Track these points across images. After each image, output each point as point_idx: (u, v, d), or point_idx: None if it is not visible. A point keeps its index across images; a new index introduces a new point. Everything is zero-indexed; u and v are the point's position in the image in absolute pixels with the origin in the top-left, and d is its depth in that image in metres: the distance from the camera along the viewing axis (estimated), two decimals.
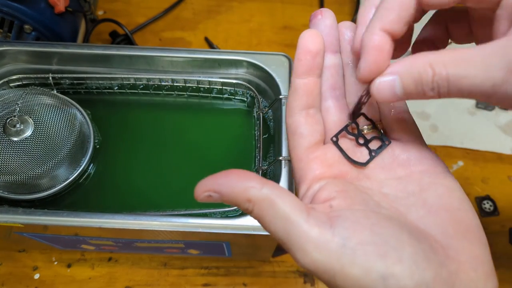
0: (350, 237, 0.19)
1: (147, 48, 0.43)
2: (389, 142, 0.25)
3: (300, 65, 0.24)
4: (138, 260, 0.50)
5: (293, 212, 0.20)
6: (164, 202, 0.40)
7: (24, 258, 0.50)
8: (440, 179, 0.23)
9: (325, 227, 0.20)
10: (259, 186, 0.20)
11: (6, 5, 0.47)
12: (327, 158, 0.25)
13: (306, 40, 0.24)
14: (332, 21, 0.25)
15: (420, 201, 0.22)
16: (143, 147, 0.42)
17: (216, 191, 0.20)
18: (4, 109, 0.37)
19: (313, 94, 0.25)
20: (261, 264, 0.50)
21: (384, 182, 0.24)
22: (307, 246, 0.19)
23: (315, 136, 0.25)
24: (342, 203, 0.22)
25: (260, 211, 0.20)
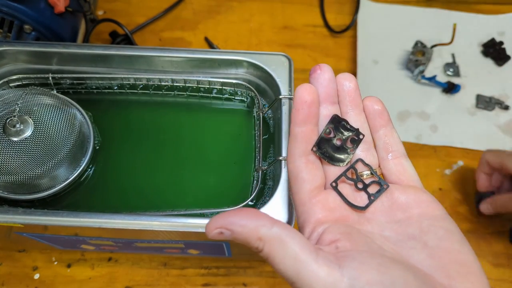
0: (358, 277, 0.20)
1: (147, 48, 0.43)
2: (387, 186, 0.26)
3: (298, 115, 0.26)
4: (138, 260, 0.50)
5: (302, 251, 0.21)
6: (164, 202, 0.40)
7: (24, 258, 0.49)
8: (439, 221, 0.24)
9: (334, 267, 0.20)
10: (269, 225, 0.21)
11: (6, 5, 0.47)
12: (328, 203, 0.26)
13: (302, 92, 0.26)
14: (330, 75, 0.27)
15: (421, 244, 0.23)
16: (142, 147, 0.42)
17: (228, 229, 0.21)
18: (4, 109, 0.37)
19: (311, 141, 0.26)
20: (261, 264, 0.50)
21: (384, 226, 0.25)
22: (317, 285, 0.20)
23: (316, 181, 0.26)
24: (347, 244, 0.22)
25: (270, 250, 0.21)
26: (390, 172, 0.26)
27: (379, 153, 0.27)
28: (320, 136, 0.27)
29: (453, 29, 0.59)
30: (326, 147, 0.27)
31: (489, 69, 0.63)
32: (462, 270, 0.22)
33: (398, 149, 0.27)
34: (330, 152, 0.27)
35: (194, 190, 0.41)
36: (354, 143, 0.27)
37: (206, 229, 0.22)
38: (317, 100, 0.26)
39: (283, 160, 0.37)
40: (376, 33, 0.65)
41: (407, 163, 0.27)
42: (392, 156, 0.27)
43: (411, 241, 0.23)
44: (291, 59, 0.42)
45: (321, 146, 0.26)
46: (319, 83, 0.27)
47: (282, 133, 0.38)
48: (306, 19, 0.67)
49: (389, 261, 0.21)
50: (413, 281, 0.20)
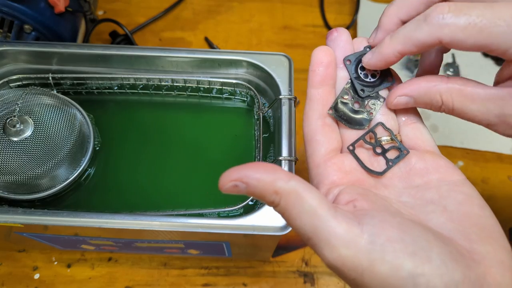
0: (379, 234, 0.19)
1: (147, 48, 0.43)
2: (407, 152, 0.25)
3: (314, 76, 0.25)
4: (138, 260, 0.50)
5: (320, 206, 0.20)
6: (164, 202, 0.40)
7: (24, 258, 0.50)
8: (458, 186, 0.23)
9: (353, 223, 0.20)
10: (286, 178, 0.20)
11: (6, 5, 0.47)
12: (344, 165, 0.25)
13: (318, 53, 0.25)
14: (347, 37, 0.27)
15: (440, 208, 0.23)
16: (142, 147, 0.42)
17: (243, 181, 0.20)
18: (4, 109, 0.37)
19: (328, 103, 0.26)
20: (261, 264, 0.50)
21: (402, 191, 0.24)
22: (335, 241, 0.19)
23: (332, 143, 0.25)
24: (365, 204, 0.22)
25: (286, 204, 0.20)
26: (408, 137, 0.26)
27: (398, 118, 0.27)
28: (337, 98, 0.26)
29: None
30: (343, 110, 0.26)
31: (489, 69, 0.63)
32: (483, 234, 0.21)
33: (415, 114, 0.27)
34: (348, 115, 0.26)
35: (194, 190, 0.41)
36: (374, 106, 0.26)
37: (220, 181, 0.20)
38: (334, 61, 0.26)
39: (283, 160, 0.37)
40: None
41: (424, 129, 0.26)
42: (409, 121, 0.26)
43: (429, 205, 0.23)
44: (291, 59, 0.42)
45: (338, 109, 0.25)
46: (336, 44, 0.26)
47: (282, 133, 0.38)
48: (306, 19, 0.67)
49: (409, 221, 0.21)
50: (434, 240, 0.20)
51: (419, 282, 0.19)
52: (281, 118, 0.39)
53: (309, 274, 0.50)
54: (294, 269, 0.50)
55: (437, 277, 0.19)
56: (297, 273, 0.50)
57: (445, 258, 0.19)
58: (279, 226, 0.34)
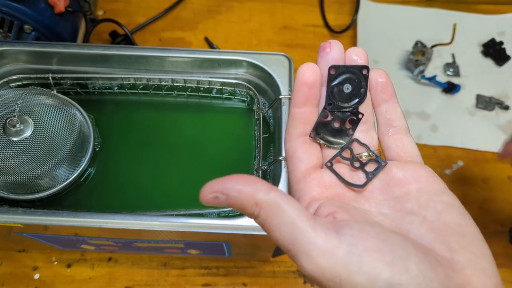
0: (356, 244, 0.19)
1: (147, 48, 0.43)
2: (386, 163, 0.25)
3: (297, 96, 0.25)
4: (138, 260, 0.50)
5: (299, 218, 0.20)
6: (164, 202, 0.40)
7: (24, 258, 0.50)
8: (438, 196, 0.23)
9: (331, 234, 0.20)
10: (266, 190, 0.20)
11: (6, 5, 0.47)
12: (324, 180, 0.25)
13: (304, 73, 0.25)
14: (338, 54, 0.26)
15: (420, 218, 0.22)
16: (143, 147, 0.42)
17: (223, 193, 0.20)
18: (4, 109, 0.37)
19: (309, 122, 0.26)
20: (261, 264, 0.50)
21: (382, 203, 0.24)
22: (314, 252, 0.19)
23: (312, 160, 0.26)
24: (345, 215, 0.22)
25: (266, 215, 0.20)
26: (389, 148, 0.26)
27: (380, 129, 0.26)
28: (317, 120, 0.26)
29: (453, 29, 0.59)
30: (324, 131, 0.26)
31: (489, 69, 0.63)
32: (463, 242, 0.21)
33: (400, 125, 0.26)
34: (328, 137, 0.26)
35: (194, 190, 0.41)
36: (353, 124, 0.26)
37: (200, 193, 0.21)
38: (319, 81, 0.26)
39: (283, 160, 0.37)
40: (376, 33, 0.65)
41: (407, 139, 0.26)
42: (392, 131, 0.26)
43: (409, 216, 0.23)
44: (291, 59, 0.42)
45: (319, 131, 0.26)
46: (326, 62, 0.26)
47: (282, 133, 0.38)
48: (306, 19, 0.67)
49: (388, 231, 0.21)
50: (412, 249, 0.20)
51: None
52: (281, 118, 0.39)
53: None
54: (294, 269, 0.50)
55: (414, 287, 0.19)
56: (297, 273, 0.50)
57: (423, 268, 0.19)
58: None
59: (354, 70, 0.26)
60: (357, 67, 0.26)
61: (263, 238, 0.37)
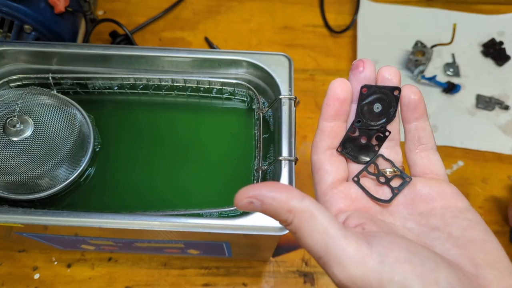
0: (387, 254, 0.20)
1: (147, 48, 0.43)
2: (410, 179, 0.25)
3: (328, 110, 0.26)
4: (138, 260, 0.50)
5: (331, 226, 0.20)
6: (164, 202, 0.40)
7: (24, 258, 0.50)
8: (463, 213, 0.24)
9: (362, 243, 0.20)
10: (300, 197, 0.21)
11: (6, 5, 0.47)
12: (350, 193, 0.26)
13: (335, 88, 0.26)
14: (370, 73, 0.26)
15: (445, 234, 0.23)
16: (143, 147, 0.42)
17: (258, 199, 0.21)
18: (4, 109, 0.37)
19: (337, 136, 0.26)
20: (261, 264, 0.50)
21: (407, 218, 0.25)
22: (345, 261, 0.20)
23: (339, 173, 0.26)
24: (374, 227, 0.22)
25: (299, 222, 0.20)
26: (416, 165, 0.26)
27: (408, 145, 0.27)
28: (345, 135, 0.26)
29: (453, 29, 0.59)
30: (351, 146, 0.27)
31: (489, 69, 0.63)
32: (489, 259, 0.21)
33: (428, 143, 0.26)
34: (355, 152, 0.27)
35: (194, 190, 0.41)
36: (380, 141, 0.27)
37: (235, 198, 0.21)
38: (350, 97, 0.26)
39: (283, 160, 0.37)
40: (376, 33, 0.65)
41: (434, 157, 0.26)
42: (420, 149, 0.26)
43: (434, 232, 0.23)
44: (291, 59, 0.42)
45: (346, 146, 0.26)
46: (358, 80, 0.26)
47: (282, 133, 0.38)
48: (306, 19, 0.67)
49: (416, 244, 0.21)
50: (441, 263, 0.20)
51: None
52: (281, 118, 0.39)
53: (309, 274, 0.50)
54: (294, 269, 0.50)
55: None
56: (297, 273, 0.50)
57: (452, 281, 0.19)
58: (279, 226, 0.34)
59: (386, 91, 0.26)
60: (389, 88, 0.26)
61: (263, 238, 0.37)
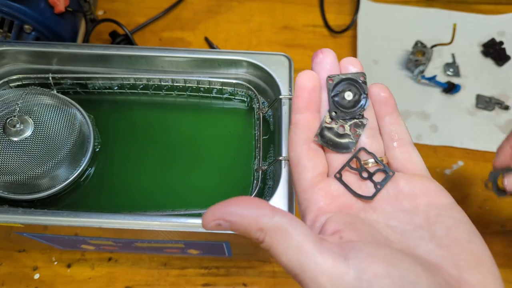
0: (365, 269, 0.19)
1: (147, 48, 0.43)
2: (393, 173, 0.25)
3: (298, 102, 0.25)
4: (138, 260, 0.50)
5: (306, 242, 0.19)
6: (164, 202, 0.40)
7: (24, 258, 0.50)
8: (447, 211, 0.23)
9: (339, 259, 0.19)
10: (270, 214, 0.20)
11: (6, 5, 0.47)
12: (331, 190, 0.25)
13: (302, 78, 0.25)
14: (332, 59, 0.26)
15: (429, 234, 0.22)
16: (142, 147, 0.42)
17: (226, 220, 0.20)
18: (4, 109, 0.37)
19: (312, 128, 0.26)
20: (261, 264, 0.50)
21: (390, 215, 0.24)
22: (321, 278, 0.19)
23: (318, 168, 0.25)
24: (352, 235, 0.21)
25: (272, 240, 0.20)
26: (396, 161, 0.26)
27: (385, 141, 0.26)
28: (321, 124, 0.26)
29: (453, 29, 0.59)
30: (328, 135, 0.26)
31: (489, 69, 0.63)
32: (472, 261, 0.21)
33: (404, 137, 0.26)
34: (334, 140, 0.26)
35: (194, 190, 0.41)
36: (358, 128, 0.26)
37: (203, 220, 0.20)
38: (318, 86, 0.26)
39: (283, 160, 0.37)
40: (376, 33, 0.65)
41: (413, 152, 0.26)
42: (397, 144, 0.26)
43: (418, 231, 0.23)
44: (291, 59, 0.42)
45: (324, 135, 0.26)
46: (321, 67, 0.26)
47: (282, 133, 0.38)
48: (306, 19, 0.67)
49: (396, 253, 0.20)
50: (422, 273, 0.19)
51: None
52: (281, 118, 0.39)
53: None
54: None
55: None
56: None
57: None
58: None
59: (352, 78, 0.26)
60: (354, 75, 0.26)
61: None
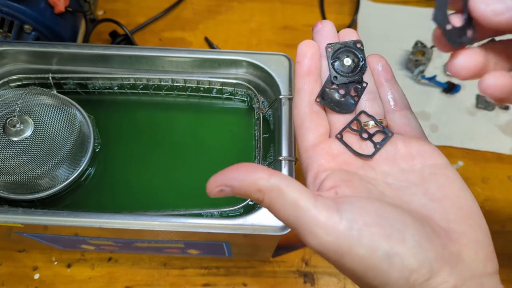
0: (356, 219, 0.21)
1: (147, 48, 0.43)
2: (392, 134, 0.26)
3: (299, 67, 0.27)
4: (138, 260, 0.50)
5: (301, 198, 0.21)
6: (164, 202, 0.40)
7: (24, 258, 0.50)
8: (440, 170, 0.25)
9: (332, 211, 0.21)
10: (267, 176, 0.22)
11: (6, 5, 0.47)
12: (332, 149, 0.27)
13: (303, 47, 0.27)
14: (330, 28, 0.28)
15: (422, 190, 0.24)
16: (142, 147, 0.42)
17: (227, 185, 0.22)
18: (4, 109, 0.37)
19: (314, 91, 0.27)
20: (261, 264, 0.50)
21: (387, 173, 0.25)
22: (317, 229, 0.21)
23: (320, 130, 0.27)
24: (347, 190, 0.23)
25: (270, 200, 0.22)
26: (395, 124, 0.27)
27: (385, 106, 0.28)
28: (323, 87, 0.27)
29: None
30: (330, 97, 0.27)
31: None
32: (461, 214, 0.23)
33: (402, 102, 0.28)
34: (335, 100, 0.27)
35: (194, 190, 0.41)
36: (358, 92, 0.28)
37: (207, 188, 0.22)
38: (317, 53, 0.28)
39: (283, 160, 0.37)
40: (376, 33, 0.65)
41: (411, 115, 0.28)
42: (396, 108, 0.27)
43: (412, 187, 0.24)
44: (291, 59, 0.42)
45: (325, 97, 0.27)
46: (321, 35, 0.28)
47: (282, 133, 0.38)
48: (306, 19, 0.67)
49: (387, 206, 0.22)
50: (410, 222, 0.21)
51: (394, 262, 0.20)
52: (281, 118, 0.39)
53: (309, 274, 0.50)
54: (294, 269, 0.50)
55: (411, 256, 0.20)
56: (297, 273, 0.50)
57: (420, 239, 0.21)
58: (279, 226, 0.34)
59: (349, 44, 0.28)
60: (351, 42, 0.28)
61: (263, 238, 0.37)
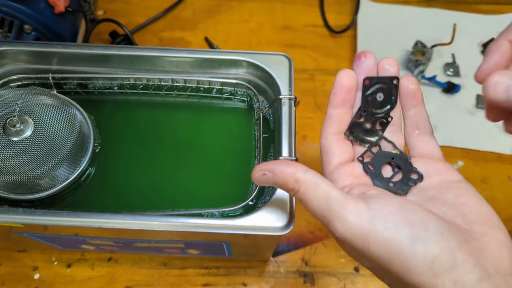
0: (382, 209, 0.23)
1: (147, 48, 0.43)
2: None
3: (335, 98, 0.29)
4: (138, 260, 0.50)
5: (332, 190, 0.24)
6: (164, 202, 0.40)
7: (24, 258, 0.50)
8: (456, 183, 0.27)
9: (360, 201, 0.24)
10: (304, 170, 0.25)
11: (6, 5, 0.47)
12: (355, 171, 0.29)
13: (342, 77, 0.29)
14: (372, 62, 0.30)
15: (441, 201, 0.26)
16: (143, 147, 0.42)
17: (270, 171, 0.25)
18: (4, 109, 0.37)
19: (344, 122, 0.29)
20: (261, 264, 0.50)
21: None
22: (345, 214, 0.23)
23: (345, 155, 0.29)
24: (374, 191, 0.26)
25: (305, 190, 0.24)
26: (415, 148, 0.29)
27: (406, 130, 0.30)
28: (352, 121, 0.29)
29: (453, 29, 0.59)
30: (357, 131, 0.29)
31: None
32: (481, 218, 0.24)
33: (425, 128, 0.29)
34: (361, 136, 0.29)
35: (194, 190, 0.41)
36: (383, 126, 0.29)
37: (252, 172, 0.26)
38: (355, 86, 0.29)
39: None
40: (376, 33, 0.65)
41: (431, 141, 0.29)
42: (418, 133, 0.29)
43: (431, 201, 0.26)
44: (291, 59, 0.42)
45: (353, 130, 0.29)
46: (361, 69, 0.30)
47: (282, 133, 0.38)
48: (306, 19, 0.67)
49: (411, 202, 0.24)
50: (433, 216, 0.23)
51: (417, 247, 0.21)
52: (281, 118, 0.39)
53: (309, 274, 0.50)
54: (294, 269, 0.50)
55: (433, 242, 0.21)
56: (297, 273, 0.50)
57: (442, 229, 0.22)
58: (279, 226, 0.34)
59: (386, 81, 0.29)
60: (389, 78, 0.29)
61: (263, 238, 0.37)
